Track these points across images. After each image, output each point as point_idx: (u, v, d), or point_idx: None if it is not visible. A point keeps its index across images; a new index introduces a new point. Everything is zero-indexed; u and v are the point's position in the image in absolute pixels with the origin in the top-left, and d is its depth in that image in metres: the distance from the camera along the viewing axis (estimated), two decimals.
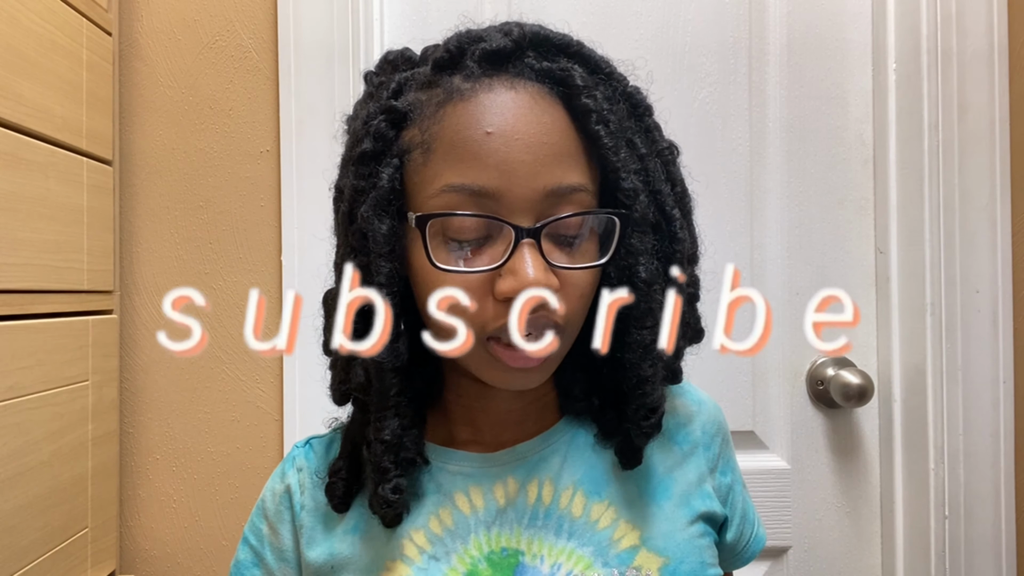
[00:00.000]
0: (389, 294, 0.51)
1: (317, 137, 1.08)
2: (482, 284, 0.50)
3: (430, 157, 0.51)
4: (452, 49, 0.53)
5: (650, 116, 0.58)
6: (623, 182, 0.52)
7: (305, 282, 1.08)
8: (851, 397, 1.08)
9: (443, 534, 0.57)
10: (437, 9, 1.14)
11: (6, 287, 0.83)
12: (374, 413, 0.55)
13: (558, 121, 0.51)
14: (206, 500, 1.11)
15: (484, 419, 0.60)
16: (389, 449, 0.54)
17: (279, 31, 1.09)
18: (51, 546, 0.91)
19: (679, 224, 0.55)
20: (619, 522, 0.57)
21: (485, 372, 0.54)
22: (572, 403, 0.61)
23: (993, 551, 1.08)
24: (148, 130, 1.12)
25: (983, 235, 1.08)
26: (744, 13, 1.15)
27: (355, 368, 0.55)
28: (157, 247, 1.12)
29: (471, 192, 0.49)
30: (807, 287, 1.15)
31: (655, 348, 0.53)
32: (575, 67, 0.53)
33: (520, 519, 0.57)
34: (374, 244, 0.51)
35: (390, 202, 0.52)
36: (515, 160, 0.49)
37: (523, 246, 0.49)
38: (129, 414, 1.11)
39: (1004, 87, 1.08)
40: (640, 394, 0.54)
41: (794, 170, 1.15)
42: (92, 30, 1.00)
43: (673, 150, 0.59)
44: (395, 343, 0.52)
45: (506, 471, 0.58)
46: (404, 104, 0.53)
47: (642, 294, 0.53)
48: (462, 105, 0.51)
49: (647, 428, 0.55)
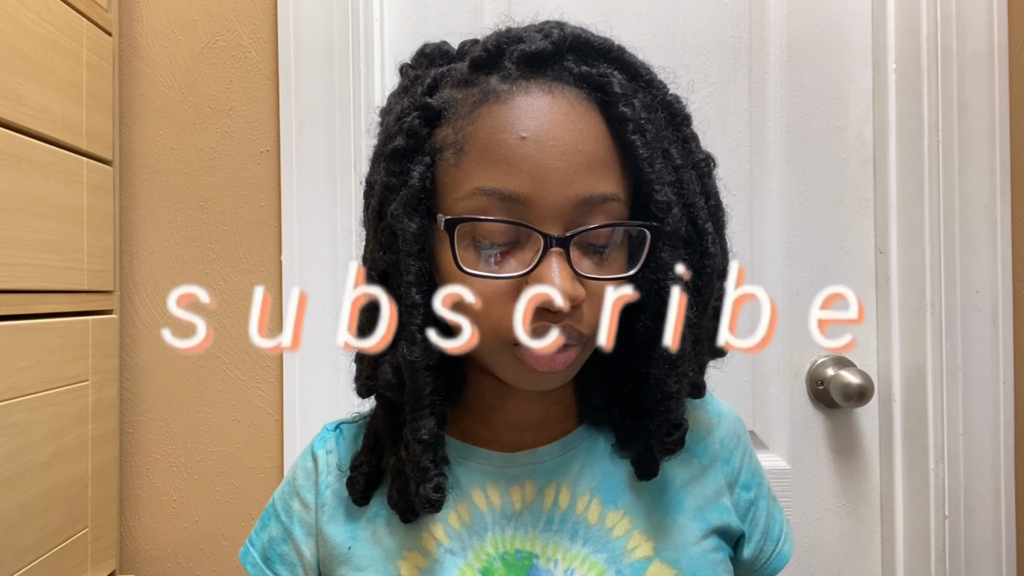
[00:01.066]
0: (419, 292, 0.51)
1: (317, 137, 1.08)
2: (509, 290, 0.50)
3: (462, 158, 0.50)
4: (491, 48, 0.53)
5: (688, 126, 0.57)
6: (656, 194, 0.51)
7: (305, 282, 1.08)
8: (851, 397, 1.08)
9: (461, 529, 0.57)
10: (437, 9, 1.14)
11: (6, 287, 0.83)
12: (409, 413, 0.54)
13: (594, 128, 0.51)
14: (206, 500, 1.11)
15: (503, 419, 0.60)
16: (427, 449, 0.53)
17: (279, 31, 1.09)
18: (51, 546, 0.91)
19: (711, 239, 0.54)
20: (633, 532, 0.57)
21: (509, 374, 0.53)
22: (592, 411, 0.60)
23: (993, 551, 1.08)
24: (148, 130, 1.12)
25: (983, 235, 1.08)
26: (744, 13, 1.15)
27: (383, 366, 0.54)
28: (157, 247, 1.12)
29: (502, 197, 0.49)
30: (807, 287, 1.15)
31: (681, 365, 0.53)
32: (614, 73, 0.52)
33: (536, 523, 0.57)
34: (403, 243, 0.51)
35: (420, 201, 0.51)
36: (548, 167, 0.48)
37: (551, 255, 0.49)
38: (129, 414, 1.11)
39: (1004, 87, 1.08)
40: (664, 410, 0.54)
41: (794, 170, 1.15)
42: (92, 30, 1.00)
43: (710, 162, 0.58)
44: (427, 342, 0.51)
45: (524, 474, 0.58)
46: (439, 102, 0.53)
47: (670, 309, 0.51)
48: (498, 107, 0.50)
49: (670, 444, 0.55)
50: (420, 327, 0.51)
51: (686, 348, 0.53)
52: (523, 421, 0.60)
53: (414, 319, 0.51)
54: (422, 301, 0.51)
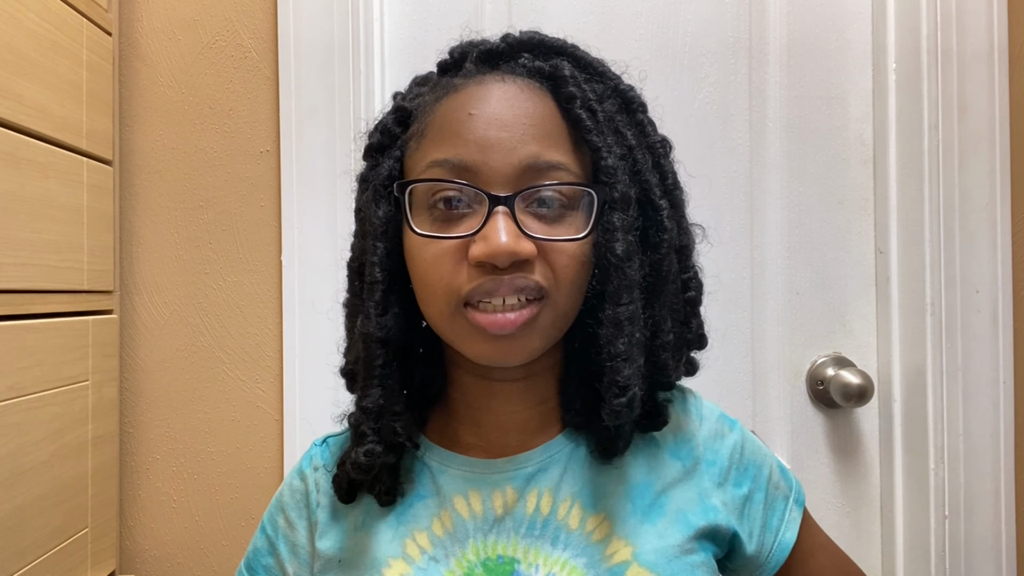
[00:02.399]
0: (380, 271, 0.55)
1: (317, 137, 1.08)
2: (459, 251, 0.53)
3: (422, 142, 0.56)
4: (455, 54, 0.60)
5: (643, 112, 0.60)
6: (604, 160, 0.54)
7: (305, 282, 1.08)
8: (851, 397, 1.08)
9: (444, 536, 0.58)
10: (437, 9, 1.14)
11: (6, 287, 0.83)
12: (360, 382, 0.57)
13: (542, 107, 0.55)
14: (206, 500, 1.11)
15: (487, 419, 0.61)
16: (368, 416, 0.56)
17: (279, 31, 1.09)
18: (51, 546, 0.91)
19: (667, 214, 0.57)
20: (612, 537, 0.57)
21: (467, 344, 0.55)
22: (573, 416, 0.61)
23: (993, 551, 1.08)
24: (148, 130, 1.12)
25: (983, 235, 1.08)
26: (744, 13, 1.15)
27: (356, 343, 0.58)
28: (157, 247, 1.12)
29: (452, 166, 0.53)
30: (807, 287, 1.15)
31: (629, 325, 0.54)
32: (565, 64, 0.57)
33: (518, 528, 0.57)
34: (370, 226, 0.56)
35: (387, 188, 0.56)
36: (493, 136, 0.53)
37: (497, 213, 0.52)
38: (129, 414, 1.11)
39: (1004, 87, 1.08)
40: (611, 368, 0.53)
41: (794, 170, 1.15)
42: (92, 30, 1.00)
43: (666, 144, 0.61)
44: (382, 317, 0.55)
45: (505, 480, 0.59)
46: (411, 104, 0.59)
47: (615, 269, 0.54)
48: (454, 95, 0.56)
49: (617, 406, 0.53)
50: (377, 303, 0.55)
51: (632, 310, 0.54)
52: (507, 422, 0.60)
53: (373, 295, 0.56)
54: (381, 279, 0.55)
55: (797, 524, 0.64)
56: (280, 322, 1.09)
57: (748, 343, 1.14)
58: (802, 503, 0.66)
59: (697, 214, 0.63)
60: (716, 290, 1.18)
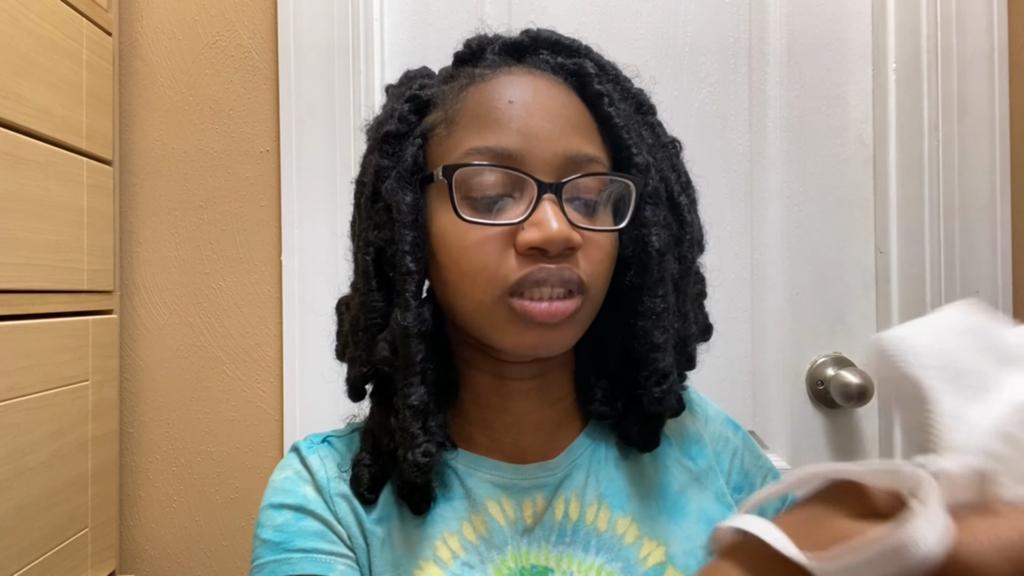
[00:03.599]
0: (413, 260, 0.53)
1: (317, 137, 1.08)
2: (504, 238, 0.52)
3: (453, 129, 0.54)
4: (473, 46, 0.59)
5: (653, 115, 0.61)
6: (636, 156, 0.55)
7: (305, 282, 1.08)
8: (851, 397, 1.08)
9: (477, 542, 0.55)
10: (437, 9, 1.14)
11: (6, 287, 0.83)
12: (401, 380, 0.53)
13: (574, 102, 0.55)
14: (206, 500, 1.11)
15: (502, 420, 0.59)
16: (417, 414, 0.53)
17: (279, 31, 1.09)
18: (51, 546, 0.91)
19: (687, 208, 0.58)
20: (643, 539, 0.56)
21: (507, 335, 0.52)
22: (596, 407, 0.60)
23: None
24: (148, 130, 1.12)
25: (983, 235, 1.08)
26: (744, 13, 1.15)
27: (379, 343, 0.54)
28: (157, 247, 1.12)
29: (495, 154, 0.52)
30: (807, 287, 1.15)
31: (667, 316, 0.55)
32: (588, 62, 0.57)
33: (548, 537, 0.56)
34: (398, 214, 0.53)
35: (413, 175, 0.54)
36: (536, 126, 0.52)
37: (545, 200, 0.51)
38: (129, 414, 1.11)
39: (1004, 87, 1.08)
40: (652, 359, 0.55)
41: (794, 170, 1.15)
42: (92, 30, 1.00)
43: (676, 144, 0.62)
44: (420, 308, 0.53)
45: (536, 488, 0.58)
46: (427, 94, 0.57)
47: (654, 263, 0.55)
48: (484, 84, 0.55)
49: (659, 393, 0.55)
50: (414, 294, 0.53)
51: (669, 302, 0.56)
52: (522, 422, 0.59)
53: (408, 286, 0.52)
54: (415, 268, 0.53)
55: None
56: (280, 322, 1.09)
57: (748, 343, 1.14)
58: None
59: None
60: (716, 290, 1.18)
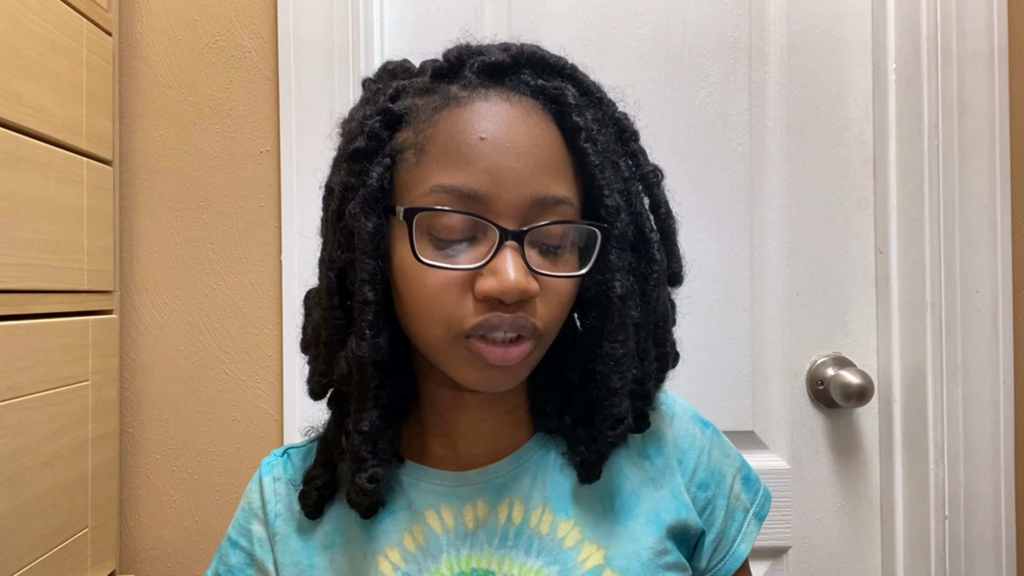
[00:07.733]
0: (371, 290, 0.52)
1: (317, 137, 1.08)
2: (463, 283, 0.51)
3: (423, 158, 0.52)
4: (451, 59, 0.55)
5: (636, 142, 0.59)
6: (606, 199, 0.53)
7: (305, 282, 1.08)
8: (851, 397, 1.08)
9: (416, 552, 0.57)
10: (437, 10, 1.14)
11: (6, 287, 0.83)
12: (354, 405, 0.55)
13: (548, 135, 0.53)
14: (206, 500, 1.11)
15: (457, 431, 0.60)
16: (367, 439, 0.55)
17: (279, 31, 1.09)
18: (51, 546, 0.91)
19: (656, 246, 0.57)
20: (584, 542, 0.57)
21: (462, 371, 0.54)
22: (545, 420, 0.61)
23: (993, 551, 1.08)
24: (148, 130, 1.12)
25: (983, 235, 1.08)
26: (744, 13, 1.15)
27: (339, 361, 0.55)
28: (157, 247, 1.12)
29: (460, 194, 0.50)
30: (807, 287, 1.15)
31: (625, 362, 0.55)
32: (568, 87, 0.55)
33: (491, 540, 0.57)
34: (359, 241, 0.52)
35: (378, 200, 0.53)
36: (505, 166, 0.50)
37: (506, 248, 0.50)
38: (129, 414, 1.11)
39: (1004, 87, 1.08)
40: (608, 404, 0.56)
41: (794, 170, 1.15)
42: (92, 30, 1.00)
43: (657, 173, 0.60)
44: (376, 338, 0.53)
45: (476, 492, 0.59)
46: (400, 107, 0.54)
47: (616, 308, 0.54)
48: (458, 111, 0.52)
49: (612, 437, 0.56)
50: (370, 323, 0.52)
51: (629, 347, 0.55)
52: (476, 431, 0.60)
53: (366, 316, 0.52)
54: (374, 299, 0.52)
55: (753, 539, 0.64)
56: (280, 322, 1.09)
57: (748, 343, 1.14)
58: (763, 518, 0.65)
59: (697, 213, 0.63)
60: (716, 290, 1.18)
